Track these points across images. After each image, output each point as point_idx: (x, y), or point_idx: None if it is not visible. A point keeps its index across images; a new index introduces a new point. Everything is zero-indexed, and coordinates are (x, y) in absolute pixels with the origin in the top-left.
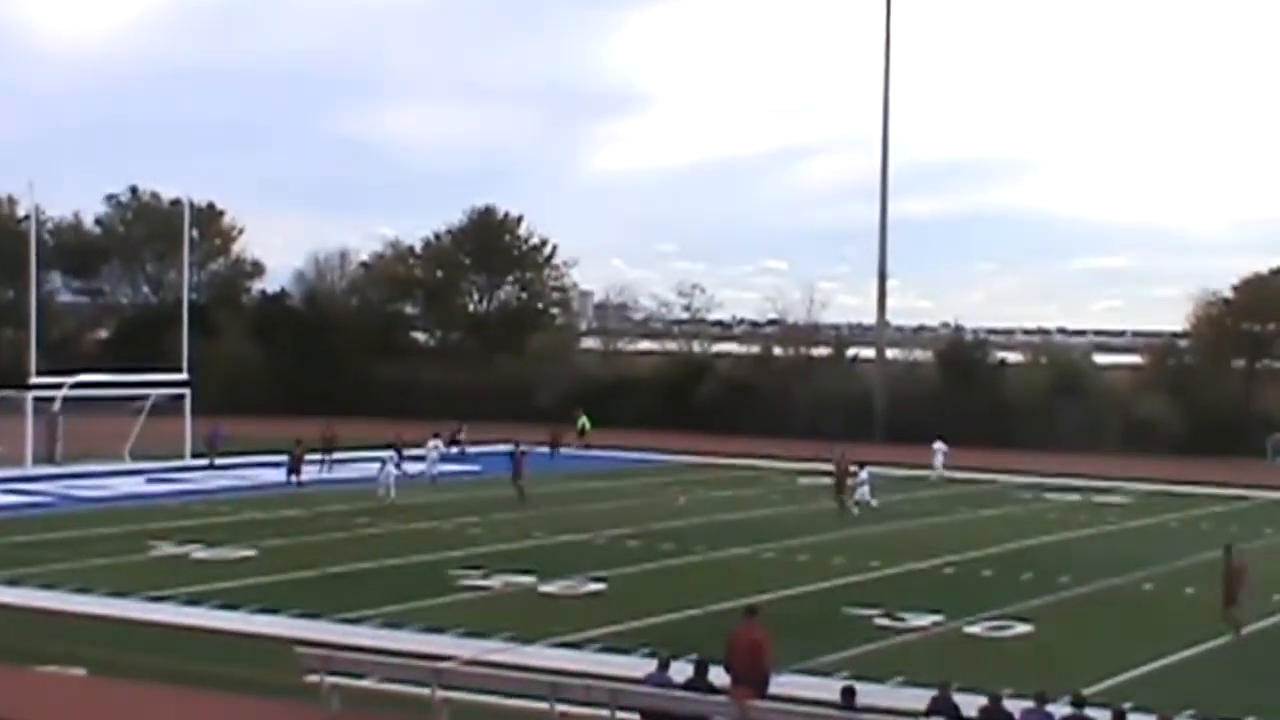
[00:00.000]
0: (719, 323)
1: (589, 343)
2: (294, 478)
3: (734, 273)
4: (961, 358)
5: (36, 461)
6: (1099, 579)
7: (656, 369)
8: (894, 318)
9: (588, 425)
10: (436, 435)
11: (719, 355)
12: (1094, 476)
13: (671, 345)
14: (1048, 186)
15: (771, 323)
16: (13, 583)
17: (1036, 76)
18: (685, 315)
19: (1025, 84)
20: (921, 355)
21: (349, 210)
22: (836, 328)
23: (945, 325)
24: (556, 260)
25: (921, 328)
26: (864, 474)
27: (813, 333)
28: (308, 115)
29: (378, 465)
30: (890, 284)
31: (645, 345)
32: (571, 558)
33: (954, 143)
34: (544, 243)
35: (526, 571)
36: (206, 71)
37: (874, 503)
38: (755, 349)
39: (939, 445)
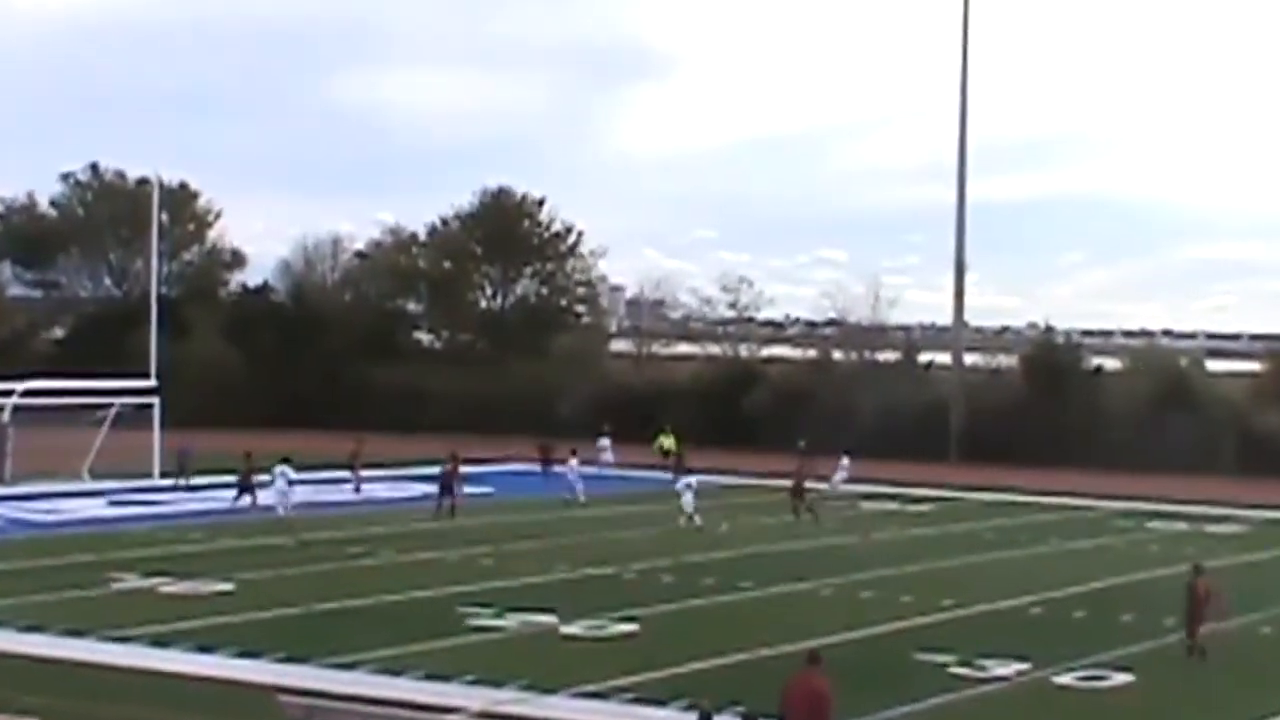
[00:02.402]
0: (769, 322)
1: (620, 345)
2: (246, 499)
3: (786, 264)
4: (1051, 364)
5: None
6: (1210, 621)
7: (697, 376)
8: (973, 317)
9: (670, 445)
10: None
11: (770, 360)
12: (1205, 502)
13: (715, 348)
14: (1146, 166)
15: (830, 323)
16: None
17: (1132, 43)
18: (731, 314)
19: (1119, 52)
20: (1005, 361)
21: (342, 192)
22: (906, 329)
23: (1032, 326)
24: (582, 249)
25: (1005, 329)
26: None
27: (878, 334)
28: (294, 83)
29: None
30: (968, 278)
31: (684, 348)
32: (598, 594)
33: (1039, 115)
34: (568, 229)
35: (546, 610)
36: (178, 33)
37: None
38: (811, 353)
39: (844, 460)
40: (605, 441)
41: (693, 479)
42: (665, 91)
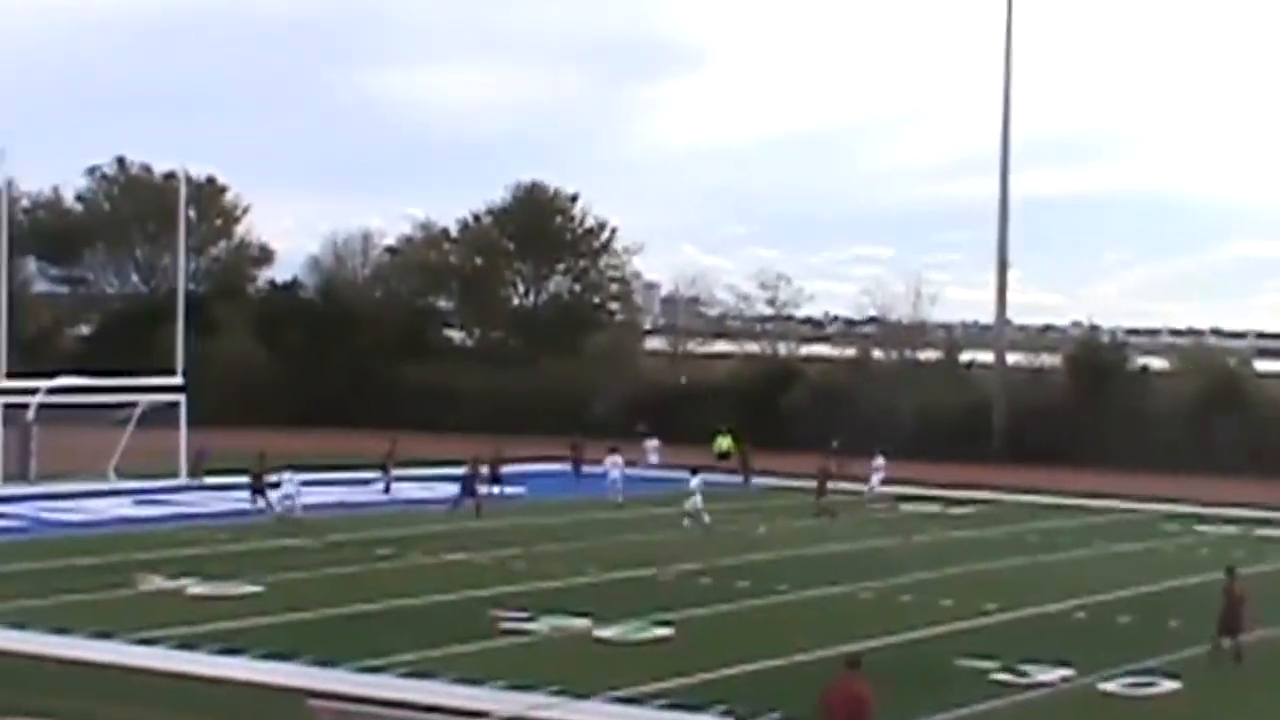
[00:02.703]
0: (808, 320)
1: (655, 343)
2: (259, 501)
3: (824, 261)
4: (1096, 363)
5: (7, 479)
6: (1260, 627)
7: (734, 374)
8: (1015, 315)
9: (729, 446)
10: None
11: (808, 359)
12: (1255, 505)
13: (752, 347)
14: (1193, 161)
15: (870, 320)
16: None
17: (1178, 37)
18: (768, 311)
19: (1165, 45)
20: (1048, 360)
21: (372, 187)
22: (947, 327)
23: (1076, 325)
24: (616, 245)
25: (1048, 327)
26: None
27: (919, 333)
28: (325, 76)
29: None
30: (1011, 275)
31: (721, 346)
32: (632, 597)
33: (1083, 109)
34: (602, 225)
35: (579, 613)
36: (207, 25)
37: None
38: (851, 351)
39: (878, 460)
40: (654, 442)
41: (700, 479)
42: (700, 85)
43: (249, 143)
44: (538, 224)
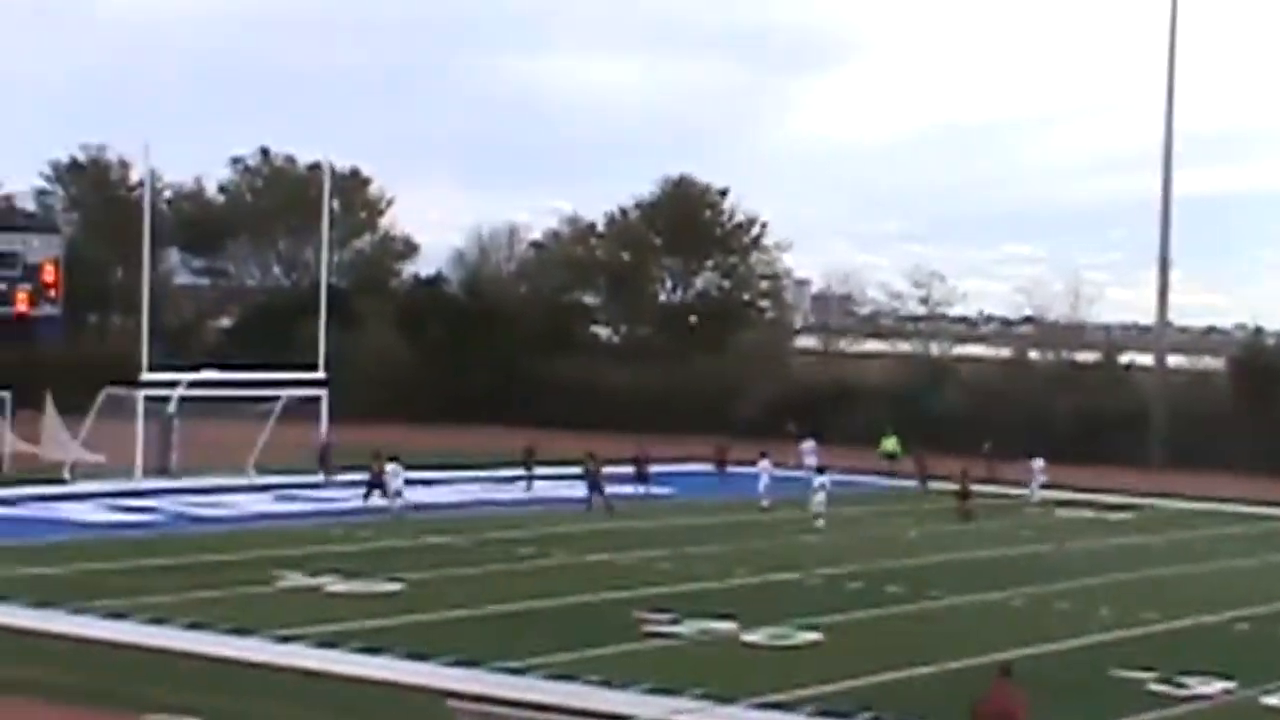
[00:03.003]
0: (962, 319)
1: (805, 341)
2: (377, 496)
3: (978, 258)
4: (1260, 366)
5: (147, 473)
6: None
7: (886, 374)
8: (1177, 316)
9: (894, 447)
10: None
11: (962, 359)
12: None
13: (905, 346)
14: None
15: (1026, 320)
16: (116, 615)
17: None
18: (921, 310)
19: None
20: (1211, 363)
21: (518, 180)
22: (1106, 328)
23: (1240, 327)
24: (767, 241)
25: (1211, 329)
26: None
27: (1077, 333)
28: (470, 67)
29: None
30: (1173, 275)
31: (872, 345)
32: (780, 601)
33: (1246, 106)
34: (751, 220)
35: (725, 616)
36: (351, 15)
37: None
38: (1006, 352)
39: (1038, 463)
40: (810, 443)
41: (826, 479)
42: (854, 76)
43: (394, 134)
44: (687, 219)
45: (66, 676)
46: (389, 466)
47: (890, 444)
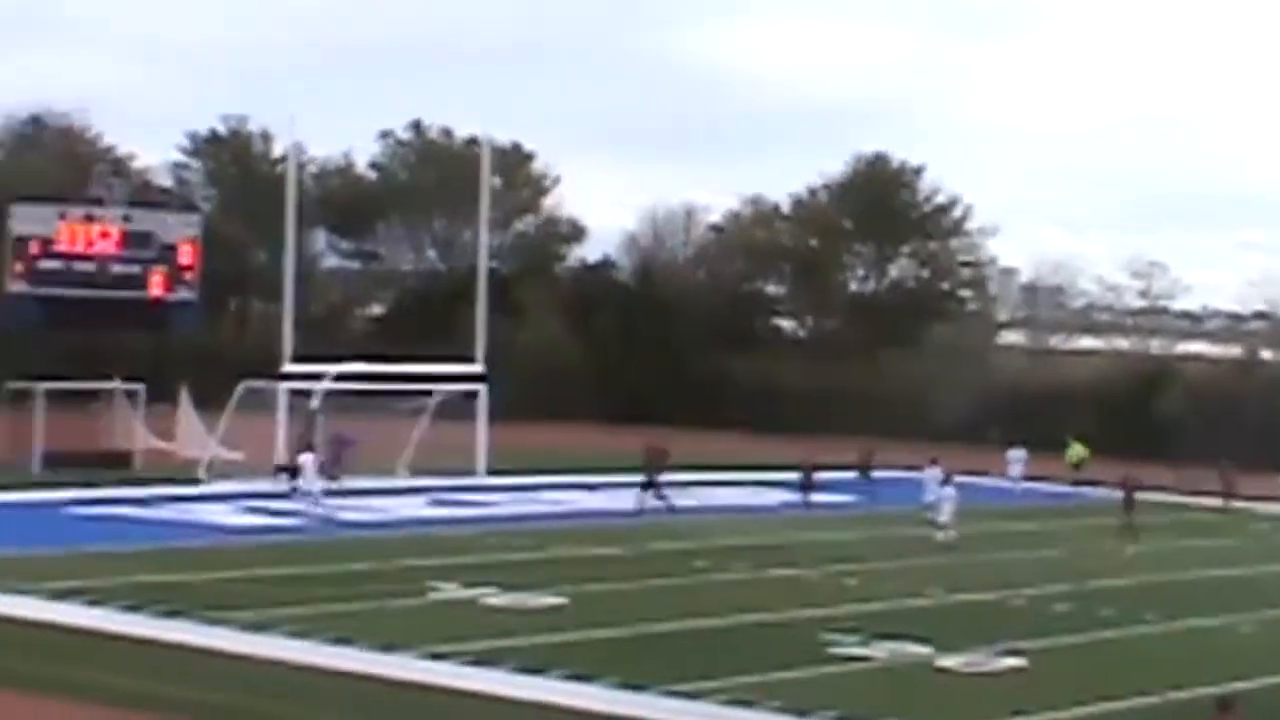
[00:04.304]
0: (1186, 314)
1: (1011, 337)
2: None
3: (1204, 247)
4: None
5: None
6: None
7: (1101, 374)
8: None
9: (1083, 455)
10: None
11: (1185, 358)
12: None
13: (1122, 343)
14: None
15: (1258, 315)
16: (255, 628)
17: None
18: (1141, 303)
19: None
20: None
21: (695, 158)
22: None
23: None
24: (969, 226)
25: None
26: None
27: None
28: (642, 34)
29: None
30: None
31: (1086, 342)
32: (979, 623)
33: None
34: (952, 203)
35: (918, 639)
36: None
37: None
38: (1235, 350)
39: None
40: (1020, 453)
41: (952, 489)
42: (1067, 46)
43: (559, 107)
44: (880, 200)
45: (212, 695)
46: (302, 456)
47: (1078, 452)
